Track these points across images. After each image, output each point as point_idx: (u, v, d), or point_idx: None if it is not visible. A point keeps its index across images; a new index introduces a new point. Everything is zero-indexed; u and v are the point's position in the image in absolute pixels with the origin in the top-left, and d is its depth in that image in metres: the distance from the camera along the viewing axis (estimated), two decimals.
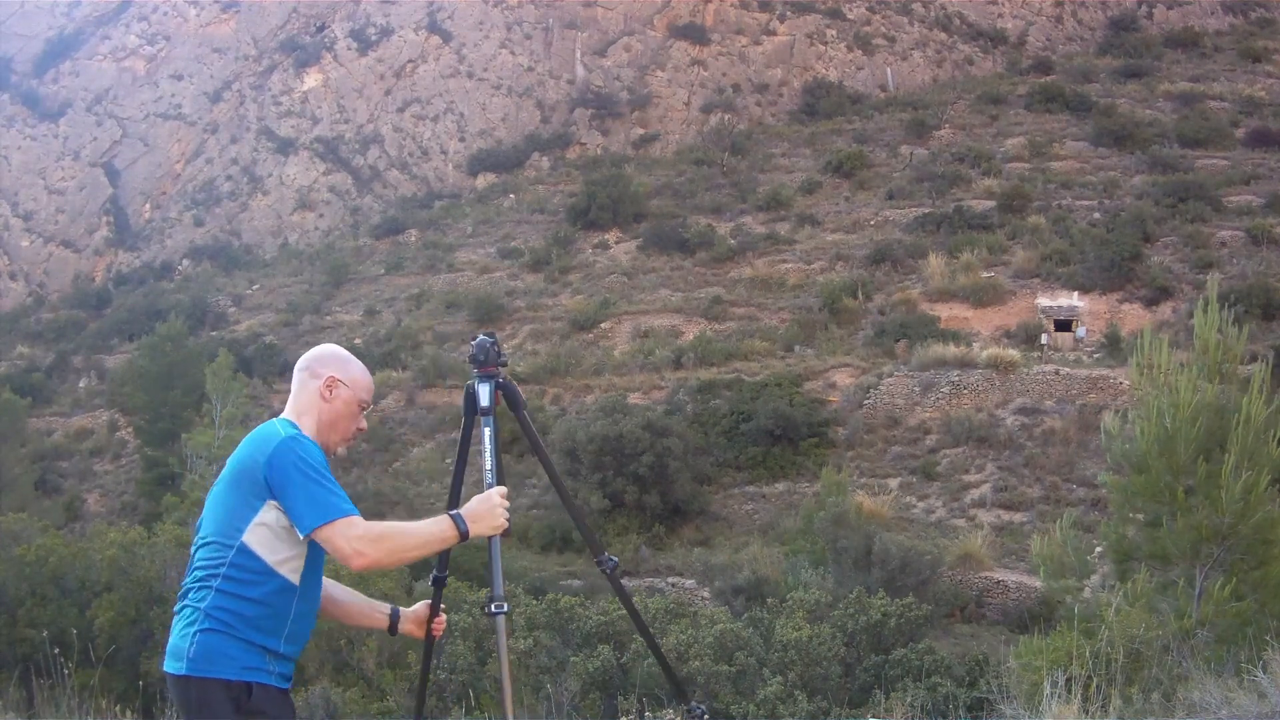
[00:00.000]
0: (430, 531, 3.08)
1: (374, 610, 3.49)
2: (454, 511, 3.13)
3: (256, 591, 2.99)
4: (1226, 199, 38.20)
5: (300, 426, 3.16)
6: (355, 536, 2.95)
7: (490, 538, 3.24)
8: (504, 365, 3.46)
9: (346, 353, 3.36)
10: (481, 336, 3.47)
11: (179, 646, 3.00)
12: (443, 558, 3.48)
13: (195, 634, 2.98)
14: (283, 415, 3.21)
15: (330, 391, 3.22)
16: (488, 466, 3.36)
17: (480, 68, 57.05)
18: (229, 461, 3.12)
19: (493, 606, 3.32)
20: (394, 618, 3.48)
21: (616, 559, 3.69)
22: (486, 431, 3.38)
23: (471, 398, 3.45)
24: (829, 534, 18.65)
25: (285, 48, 59.81)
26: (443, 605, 3.57)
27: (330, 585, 3.37)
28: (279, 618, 3.03)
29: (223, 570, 3.00)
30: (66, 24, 63.99)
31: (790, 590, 14.05)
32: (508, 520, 3.20)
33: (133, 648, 11.02)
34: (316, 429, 3.19)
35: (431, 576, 3.57)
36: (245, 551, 2.99)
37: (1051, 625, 9.10)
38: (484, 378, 3.43)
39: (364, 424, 3.32)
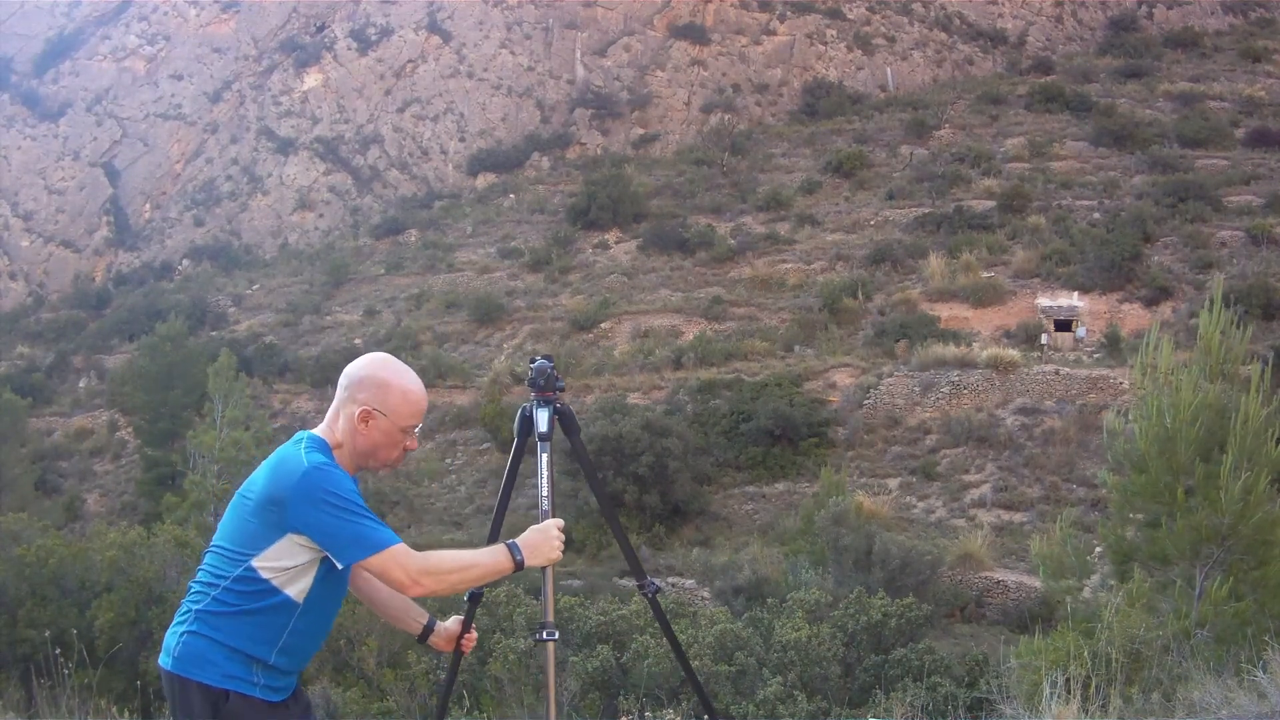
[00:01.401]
0: (487, 562, 3.07)
1: (410, 616, 3.45)
2: (511, 541, 3.11)
3: (254, 605, 2.98)
4: (1226, 199, 38.20)
5: (333, 446, 3.08)
6: (414, 569, 2.94)
7: (544, 568, 3.24)
8: (561, 390, 3.38)
9: (391, 373, 3.11)
10: (541, 360, 3.38)
11: (169, 643, 3.03)
12: None
13: (183, 634, 3.00)
14: (319, 428, 3.13)
15: (365, 424, 3.07)
16: (544, 494, 3.30)
17: (480, 68, 57.05)
18: (256, 481, 3.03)
19: (544, 634, 3.34)
20: (428, 628, 3.47)
21: (659, 584, 3.66)
22: (544, 459, 3.31)
23: (527, 422, 3.36)
24: (829, 533, 18.65)
25: (285, 48, 59.80)
26: (474, 622, 3.55)
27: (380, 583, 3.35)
28: (273, 629, 3.00)
29: (225, 583, 2.99)
30: (66, 24, 63.98)
31: (790, 590, 14.05)
32: (561, 553, 3.18)
33: (133, 648, 11.02)
34: (352, 455, 3.11)
35: (468, 592, 3.48)
36: (252, 571, 2.97)
37: (1051, 625, 9.10)
38: (542, 402, 3.34)
39: (413, 443, 3.16)
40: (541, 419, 3.32)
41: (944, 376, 28.57)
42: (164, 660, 3.03)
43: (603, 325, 35.90)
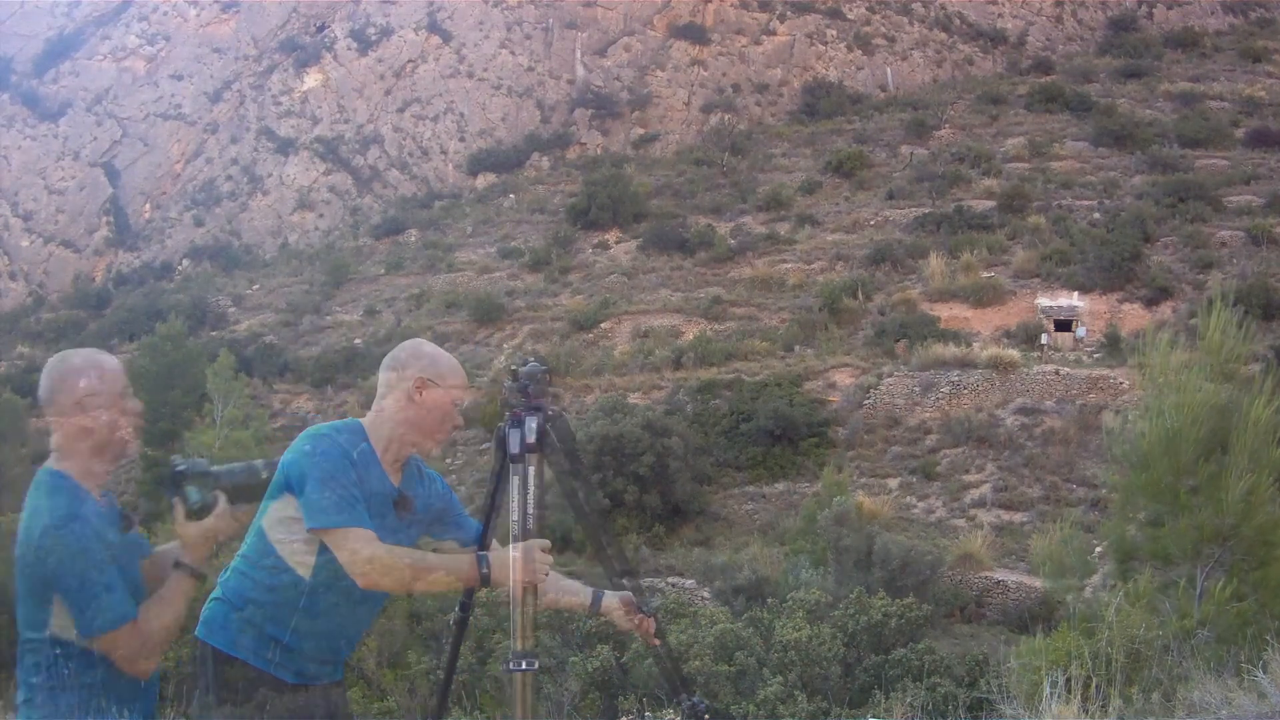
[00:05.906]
0: (449, 567, 2.91)
1: (563, 592, 3.33)
2: (482, 552, 2.92)
3: (263, 576, 3.01)
4: (1226, 199, 38.20)
5: (377, 429, 3.07)
6: (364, 558, 2.82)
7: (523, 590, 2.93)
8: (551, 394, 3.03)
9: (435, 348, 3.19)
10: (531, 363, 2.98)
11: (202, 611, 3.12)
12: (468, 591, 3.11)
13: (210, 600, 3.08)
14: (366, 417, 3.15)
15: (420, 393, 3.07)
16: (530, 510, 2.92)
17: (480, 68, 57.06)
18: None
19: (513, 663, 2.89)
20: (596, 600, 3.33)
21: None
22: (531, 472, 2.91)
23: (509, 438, 2.92)
24: (830, 533, 18.63)
25: (285, 48, 59.81)
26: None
27: None
28: (283, 608, 3.00)
29: (244, 550, 3.06)
30: (66, 24, 64.00)
31: (790, 590, 14.04)
32: (545, 576, 2.91)
33: None
34: (404, 433, 3.07)
35: (453, 616, 3.27)
36: (260, 534, 3.02)
37: (1052, 625, 9.08)
38: (531, 410, 2.90)
39: (459, 420, 3.15)
40: (530, 430, 2.89)
41: (944, 376, 28.56)
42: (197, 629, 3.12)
43: (603, 325, 35.89)
